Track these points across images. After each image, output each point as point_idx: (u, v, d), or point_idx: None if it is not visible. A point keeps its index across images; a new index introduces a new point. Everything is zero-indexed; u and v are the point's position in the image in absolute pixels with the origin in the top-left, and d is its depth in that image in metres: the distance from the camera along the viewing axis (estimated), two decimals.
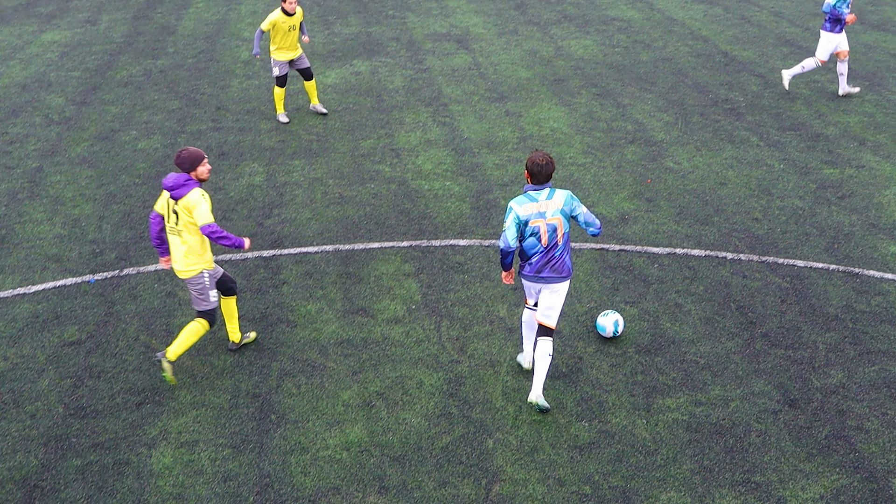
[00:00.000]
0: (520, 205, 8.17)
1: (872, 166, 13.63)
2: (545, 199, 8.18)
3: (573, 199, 8.26)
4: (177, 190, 8.59)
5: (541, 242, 8.23)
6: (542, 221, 8.17)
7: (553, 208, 8.17)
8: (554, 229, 8.19)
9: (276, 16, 14.58)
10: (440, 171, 13.49)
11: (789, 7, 22.43)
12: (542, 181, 8.17)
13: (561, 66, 18.11)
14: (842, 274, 10.76)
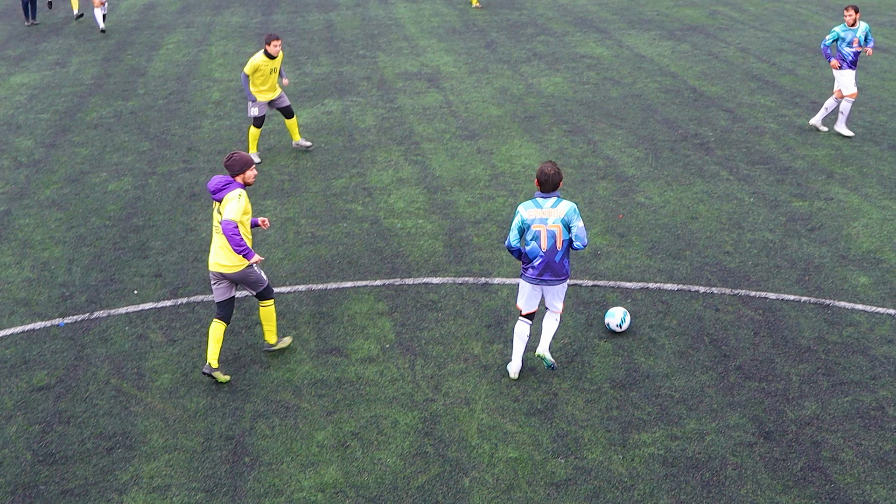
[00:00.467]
0: (525, 209, 8.96)
1: (841, 199, 13.76)
2: (550, 207, 8.90)
3: (575, 213, 8.93)
4: (219, 192, 9.12)
5: (541, 248, 8.95)
6: (543, 227, 8.90)
7: (555, 216, 8.89)
8: (553, 236, 8.91)
9: (258, 59, 14.63)
10: (413, 209, 13.50)
11: (755, 43, 22.73)
12: (548, 189, 8.90)
13: (532, 103, 18.23)
14: (813, 305, 10.82)
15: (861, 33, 15.67)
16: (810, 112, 17.47)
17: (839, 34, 15.74)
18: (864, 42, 15.72)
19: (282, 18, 25.62)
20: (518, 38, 23.30)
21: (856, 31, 15.67)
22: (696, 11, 26.29)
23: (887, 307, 10.78)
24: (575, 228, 8.93)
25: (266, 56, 14.66)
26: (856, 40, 15.70)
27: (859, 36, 15.68)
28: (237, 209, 9.01)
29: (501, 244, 12.35)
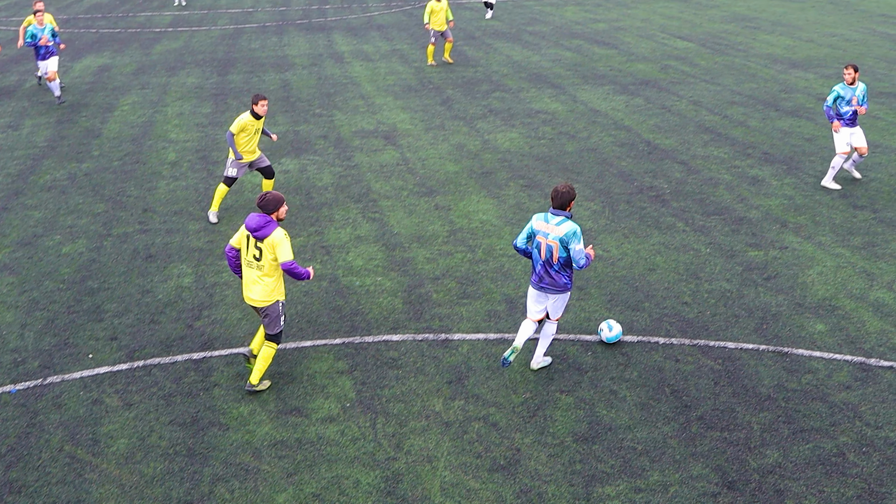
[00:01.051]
0: (536, 219, 10.10)
1: (795, 247, 13.93)
2: (554, 224, 9.92)
3: (574, 236, 9.81)
4: (260, 230, 9.81)
5: (540, 256, 10.04)
6: (544, 240, 9.96)
7: (555, 234, 9.89)
8: (550, 250, 9.93)
9: (245, 119, 14.65)
10: (371, 266, 13.46)
11: (707, 96, 23.10)
12: (556, 206, 9.94)
13: (488, 158, 18.34)
14: (772, 354, 10.88)
15: (860, 92, 16.00)
16: (763, 163, 17.74)
17: (839, 93, 16.07)
18: (861, 101, 16.01)
19: (238, 79, 25.68)
20: (474, 95, 23.51)
21: (854, 90, 15.99)
22: (648, 66, 26.71)
23: (844, 354, 10.87)
24: (572, 251, 9.81)
25: (253, 116, 14.66)
26: (854, 99, 16.02)
27: (858, 95, 16.00)
28: (289, 249, 9.89)
29: (461, 300, 12.34)
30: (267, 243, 9.80)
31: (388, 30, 33.36)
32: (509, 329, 11.52)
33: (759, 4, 38.50)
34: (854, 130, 16.19)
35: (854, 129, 16.19)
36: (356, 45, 30.43)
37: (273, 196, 9.93)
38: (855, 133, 16.20)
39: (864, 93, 16.07)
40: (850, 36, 31.27)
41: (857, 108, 15.97)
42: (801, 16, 35.60)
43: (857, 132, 16.21)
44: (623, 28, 33.15)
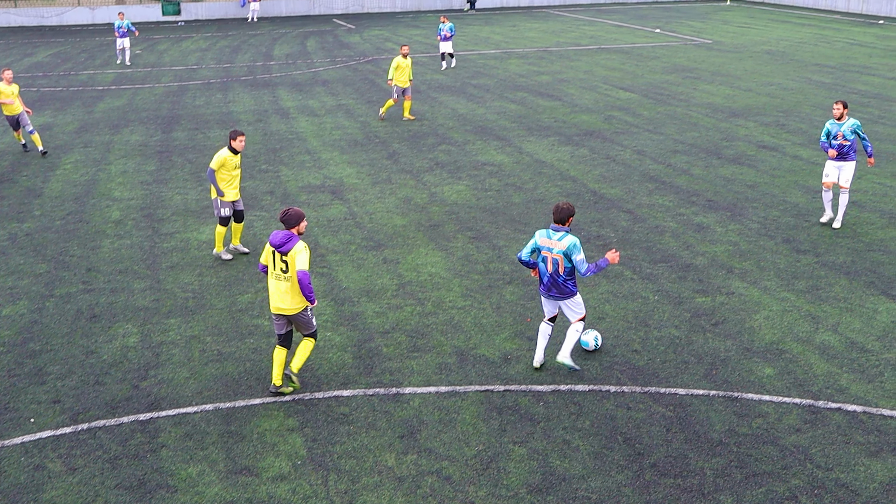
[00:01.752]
0: (540, 236, 11.25)
1: (742, 292, 14.07)
2: (556, 239, 11.09)
3: (575, 248, 10.97)
4: (284, 245, 10.77)
5: (546, 269, 11.20)
6: (549, 254, 11.12)
7: (558, 248, 11.05)
8: (556, 263, 11.09)
9: (224, 154, 15.09)
10: (320, 321, 13.35)
11: (650, 145, 23.41)
12: (556, 221, 11.09)
13: (436, 211, 18.37)
14: (722, 399, 10.92)
15: (846, 128, 16.41)
16: (707, 210, 17.97)
17: (828, 128, 16.58)
18: (849, 136, 16.37)
19: (182, 136, 25.55)
20: (420, 148, 23.60)
21: (841, 126, 16.41)
22: (591, 117, 27.04)
23: (793, 397, 10.94)
24: (575, 261, 10.97)
25: (231, 151, 15.09)
26: (840, 134, 16.43)
27: (844, 130, 16.39)
28: (307, 259, 10.76)
29: (411, 353, 12.27)
30: (290, 256, 10.76)
31: (333, 85, 33.48)
32: (460, 381, 11.46)
33: (699, 55, 39.28)
34: (840, 165, 16.61)
35: (841, 164, 16.61)
36: (301, 101, 30.48)
37: (294, 212, 10.90)
38: (841, 168, 16.62)
39: (854, 128, 16.40)
40: (787, 85, 31.97)
41: (842, 141, 16.40)
42: (739, 66, 36.36)
43: (843, 167, 16.62)
44: (566, 80, 33.59)
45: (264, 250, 11.11)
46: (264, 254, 11.10)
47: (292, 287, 10.85)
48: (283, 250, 10.76)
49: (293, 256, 10.73)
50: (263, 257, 11.14)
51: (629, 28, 50.07)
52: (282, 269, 10.86)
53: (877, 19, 53.08)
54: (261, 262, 11.20)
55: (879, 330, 12.76)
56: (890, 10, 54.65)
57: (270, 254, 10.95)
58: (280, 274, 10.89)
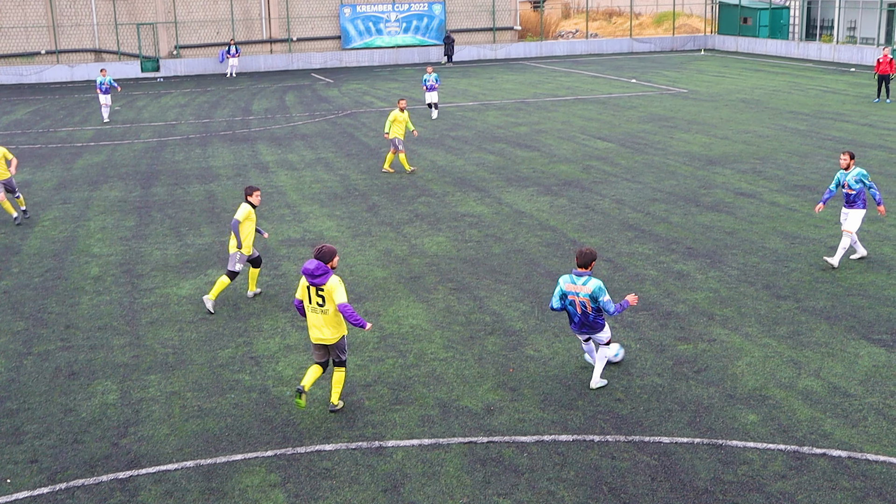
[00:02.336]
0: (564, 282, 12.08)
1: (723, 339, 14.08)
2: (581, 284, 11.91)
3: (600, 291, 11.82)
4: (319, 278, 11.46)
5: (576, 311, 12.03)
6: (576, 298, 11.95)
7: (584, 292, 11.89)
8: (584, 305, 11.93)
9: (248, 209, 15.87)
10: (302, 375, 13.26)
11: (629, 194, 23.55)
12: (579, 266, 11.94)
13: (416, 263, 18.37)
14: (707, 446, 10.88)
15: (851, 178, 16.99)
16: (687, 258, 18.05)
17: (838, 177, 17.19)
18: (854, 185, 16.95)
19: (162, 191, 25.53)
20: (399, 201, 23.65)
21: (847, 175, 17.02)
22: (570, 167, 27.21)
23: (777, 443, 10.91)
24: (601, 303, 11.83)
25: (251, 206, 15.93)
26: (845, 183, 17.10)
27: (849, 180, 17.02)
28: (344, 293, 11.52)
29: (394, 406, 12.19)
30: (326, 290, 11.47)
31: (312, 139, 33.61)
32: (443, 434, 11.38)
33: (675, 104, 39.69)
34: (848, 213, 17.13)
35: (848, 211, 17.13)
36: (280, 155, 30.55)
37: (328, 248, 11.61)
38: (848, 215, 17.13)
39: (859, 177, 16.99)
40: (762, 132, 32.31)
41: (847, 190, 17.04)
42: (715, 114, 36.75)
43: (850, 214, 17.15)
44: (544, 130, 33.85)
45: (299, 286, 11.80)
46: (299, 289, 11.79)
47: (330, 319, 11.65)
48: (316, 283, 11.49)
49: (329, 292, 11.48)
50: (299, 293, 11.82)
51: (605, 78, 50.61)
52: (318, 304, 11.61)
53: (848, 67, 53.87)
54: (296, 298, 11.86)
55: (861, 374, 12.78)
56: (860, 58, 55.51)
57: (305, 288, 11.66)
58: (317, 308, 11.64)
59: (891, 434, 11.11)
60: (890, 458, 10.54)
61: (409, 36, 63.40)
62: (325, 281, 11.48)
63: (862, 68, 52.93)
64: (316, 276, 11.46)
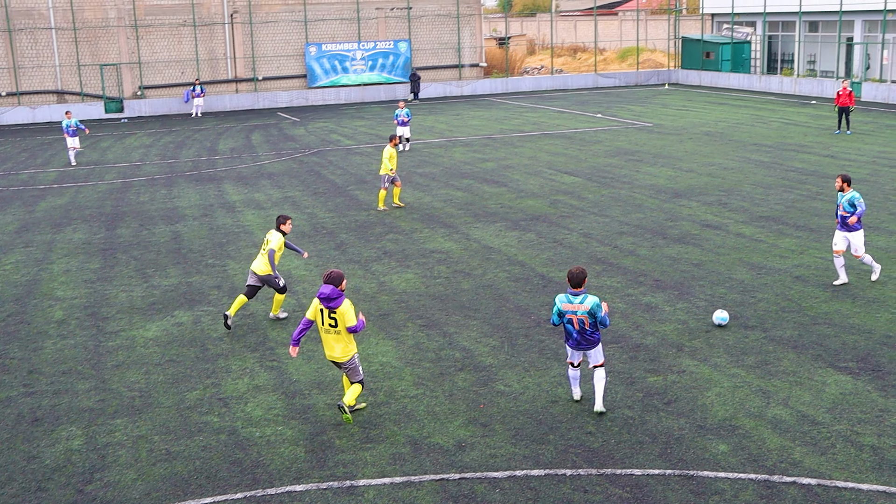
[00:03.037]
0: (560, 302, 12.45)
1: (693, 370, 14.11)
2: (579, 302, 12.28)
3: (597, 306, 12.25)
4: (333, 301, 12.34)
5: (574, 328, 12.35)
6: (574, 316, 12.29)
7: (582, 309, 12.25)
8: (582, 322, 12.29)
9: (281, 238, 16.97)
10: (271, 416, 13.14)
11: (596, 228, 23.65)
12: (575, 286, 12.32)
13: (385, 300, 18.31)
14: (678, 478, 10.86)
15: (845, 200, 17.69)
16: (655, 290, 18.13)
17: (838, 199, 17.94)
18: (847, 208, 17.60)
19: (127, 232, 25.34)
20: (367, 238, 23.62)
21: (842, 198, 17.72)
22: (537, 202, 27.31)
23: (748, 472, 10.92)
24: (599, 316, 12.24)
25: (283, 234, 16.97)
26: (840, 206, 17.79)
27: (843, 202, 17.72)
28: (353, 315, 12.46)
29: (365, 445, 12.10)
30: (339, 312, 12.33)
31: (279, 178, 33.55)
32: (415, 471, 11.29)
33: (640, 138, 40.03)
34: (846, 234, 17.83)
35: (846, 234, 17.82)
36: (247, 194, 30.46)
37: (337, 272, 12.53)
38: (849, 239, 17.83)
39: (851, 201, 17.62)
40: (727, 164, 32.63)
41: (842, 213, 17.70)
42: (679, 147, 37.09)
43: (851, 238, 17.81)
44: (511, 166, 34.00)
45: (312, 307, 12.58)
46: (312, 310, 12.60)
47: (341, 338, 12.49)
48: (331, 306, 12.34)
49: (342, 314, 12.35)
50: (311, 314, 12.63)
51: (571, 113, 51.00)
52: (330, 325, 12.45)
53: (809, 100, 54.63)
54: (307, 318, 12.69)
55: (829, 402, 12.85)
56: (821, 90, 56.33)
57: (319, 311, 12.51)
58: (329, 328, 12.49)
59: (858, 461, 11.16)
60: (859, 485, 10.57)
61: (375, 74, 63.64)
62: (339, 304, 12.34)
63: (822, 100, 53.71)
64: (331, 299, 12.31)
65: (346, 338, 12.53)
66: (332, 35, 62.71)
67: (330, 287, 12.40)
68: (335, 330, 12.49)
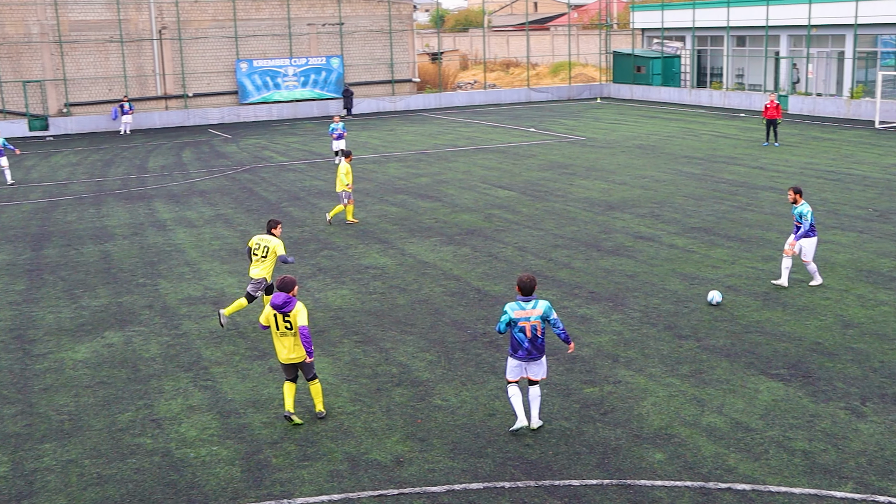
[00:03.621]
0: (512, 310, 12.15)
1: (628, 381, 14.21)
2: (531, 307, 12.08)
3: (551, 310, 12.16)
4: (286, 307, 12.79)
5: (526, 337, 12.10)
6: (527, 323, 12.05)
7: (535, 314, 12.08)
8: (535, 328, 12.07)
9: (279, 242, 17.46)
10: (205, 436, 12.94)
11: (531, 241, 23.76)
12: (527, 293, 12.10)
13: (320, 317, 18.17)
14: (615, 487, 10.91)
15: (797, 212, 18.58)
16: (590, 302, 18.24)
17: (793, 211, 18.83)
18: (798, 218, 18.55)
19: (54, 252, 24.83)
20: (301, 255, 23.44)
21: (794, 209, 18.62)
22: (472, 216, 27.37)
23: (684, 480, 11.00)
24: (552, 320, 12.16)
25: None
26: (793, 217, 18.82)
27: (795, 214, 18.64)
28: (306, 317, 12.94)
29: (302, 463, 11.96)
30: (292, 315, 12.79)
31: (210, 195, 33.19)
32: (353, 488, 11.19)
33: (573, 152, 40.37)
34: (801, 243, 18.62)
35: (801, 241, 18.61)
36: (178, 212, 30.07)
37: (289, 279, 13.04)
38: (801, 242, 18.62)
39: (801, 214, 18.47)
40: (659, 177, 33.03)
41: (796, 223, 18.64)
42: (612, 160, 37.47)
43: (803, 241, 18.61)
44: (445, 181, 34.04)
45: (264, 314, 13.05)
46: (265, 317, 13.09)
47: (297, 340, 12.90)
48: (285, 311, 12.78)
49: (295, 315, 12.81)
50: (265, 319, 13.11)
51: (504, 128, 51.28)
52: (286, 328, 12.89)
53: (738, 112, 55.61)
54: (262, 323, 13.17)
55: (762, 409, 13.02)
56: (749, 103, 57.36)
57: (272, 316, 12.92)
58: (286, 331, 12.92)
59: (791, 465, 11.31)
60: (791, 489, 10.72)
61: (307, 90, 63.36)
62: (292, 308, 12.82)
63: (751, 113, 54.71)
64: (285, 305, 12.78)
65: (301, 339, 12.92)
66: (263, 51, 62.33)
67: (283, 296, 12.82)
68: (291, 332, 12.89)
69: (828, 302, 17.74)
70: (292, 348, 13.00)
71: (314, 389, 13.35)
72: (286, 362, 13.13)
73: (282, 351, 13.09)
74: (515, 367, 12.44)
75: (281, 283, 12.96)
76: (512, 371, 12.50)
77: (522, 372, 12.45)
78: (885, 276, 19.34)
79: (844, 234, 23.15)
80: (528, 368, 12.41)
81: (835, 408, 12.99)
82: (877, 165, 34.17)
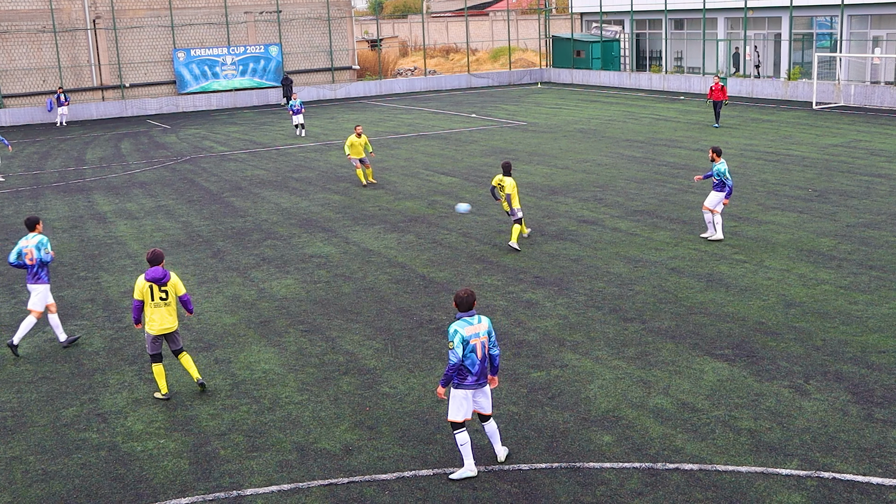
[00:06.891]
0: (462, 328, 10.74)
1: (575, 364, 14.33)
2: (477, 322, 10.86)
3: (490, 325, 11.03)
4: (163, 279, 13.48)
5: (477, 357, 10.78)
6: (478, 340, 10.80)
7: (483, 329, 10.90)
8: (483, 346, 10.86)
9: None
10: (152, 429, 12.82)
11: (475, 228, 23.82)
12: (467, 308, 10.81)
13: (265, 307, 18.07)
14: (565, 470, 11.01)
15: (715, 171, 20.98)
16: (535, 286, 18.35)
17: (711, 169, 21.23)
18: (716, 176, 20.98)
19: None
20: (245, 245, 23.27)
21: (714, 167, 21.01)
22: (415, 203, 27.36)
23: (632, 461, 11.14)
24: (492, 338, 10.98)
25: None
26: (710, 174, 21.34)
27: (713, 172, 21.06)
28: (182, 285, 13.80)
29: (250, 454, 11.89)
30: (170, 286, 13.57)
31: (151, 186, 32.78)
32: (302, 478, 11.16)
33: (515, 137, 40.51)
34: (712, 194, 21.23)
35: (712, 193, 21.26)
36: (119, 205, 29.66)
37: (158, 251, 13.61)
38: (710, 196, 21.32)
39: (719, 172, 20.91)
40: (601, 161, 33.28)
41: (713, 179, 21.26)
42: (554, 145, 37.67)
43: (710, 195, 21.33)
44: (388, 168, 33.97)
45: (137, 289, 13.54)
46: (138, 291, 13.54)
47: (172, 309, 13.61)
48: (163, 282, 13.48)
49: (173, 286, 13.62)
50: (138, 294, 13.56)
51: (446, 114, 51.28)
52: (161, 298, 13.54)
53: (678, 95, 56.19)
54: (136, 299, 13.61)
55: (707, 389, 13.21)
56: (689, 86, 57.98)
57: (148, 288, 13.47)
58: (160, 302, 13.55)
59: (737, 444, 11.50)
60: (738, 468, 10.90)
61: (246, 79, 62.78)
62: (168, 279, 13.57)
63: (690, 96, 55.31)
64: (161, 277, 13.47)
65: (175, 308, 13.75)
66: (200, 40, 61.62)
67: (160, 270, 13.51)
68: (165, 302, 13.57)
69: (770, 282, 18.04)
70: (166, 318, 13.61)
71: (185, 361, 13.93)
72: (160, 332, 13.64)
73: (155, 322, 13.60)
74: (463, 402, 10.91)
75: (153, 257, 13.57)
76: (458, 409, 10.93)
77: (471, 406, 10.99)
78: (825, 256, 19.71)
79: (784, 215, 23.54)
80: (478, 400, 11.02)
81: (779, 386, 13.23)
82: (815, 146, 34.76)
